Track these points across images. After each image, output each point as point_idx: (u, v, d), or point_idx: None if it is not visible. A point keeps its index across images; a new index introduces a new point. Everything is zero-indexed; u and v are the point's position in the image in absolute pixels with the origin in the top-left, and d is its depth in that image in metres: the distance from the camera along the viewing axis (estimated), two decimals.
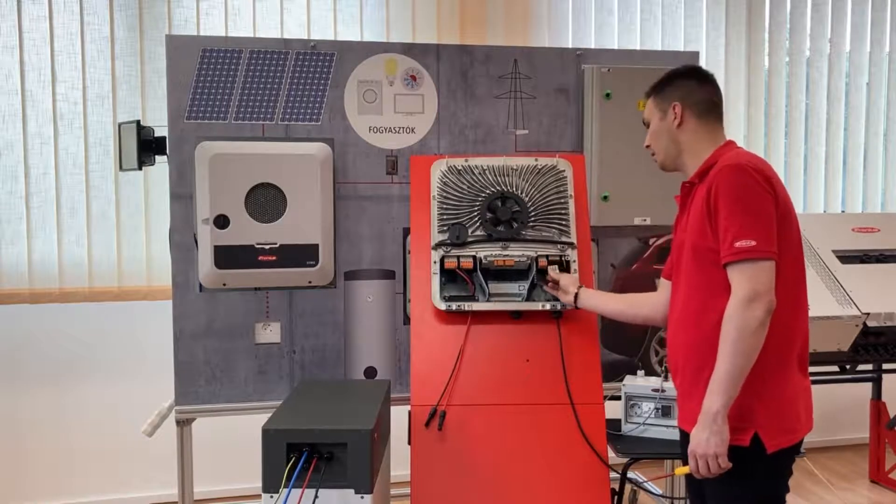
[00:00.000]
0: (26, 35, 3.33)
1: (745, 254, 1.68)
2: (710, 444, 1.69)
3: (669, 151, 1.97)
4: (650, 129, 2.01)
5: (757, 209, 1.70)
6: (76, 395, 3.50)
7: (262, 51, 2.72)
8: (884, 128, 4.43)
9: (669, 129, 1.94)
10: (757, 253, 1.67)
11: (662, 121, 1.96)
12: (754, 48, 4.16)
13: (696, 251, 1.82)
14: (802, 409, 1.81)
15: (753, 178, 1.71)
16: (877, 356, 3.19)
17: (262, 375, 2.75)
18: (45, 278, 3.38)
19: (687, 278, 1.87)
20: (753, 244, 1.67)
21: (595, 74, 2.87)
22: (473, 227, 2.48)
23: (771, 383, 1.75)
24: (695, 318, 1.83)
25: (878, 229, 3.47)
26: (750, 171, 1.72)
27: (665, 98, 1.96)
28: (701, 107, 1.92)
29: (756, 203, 1.70)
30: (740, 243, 1.68)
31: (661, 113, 1.97)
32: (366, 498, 2.00)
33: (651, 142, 2.01)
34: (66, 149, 3.38)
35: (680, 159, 1.96)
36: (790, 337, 1.79)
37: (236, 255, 2.63)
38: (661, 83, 1.98)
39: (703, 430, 1.70)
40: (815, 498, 3.67)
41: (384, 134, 2.81)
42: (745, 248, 1.67)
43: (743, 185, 1.71)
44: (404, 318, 2.82)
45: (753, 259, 1.67)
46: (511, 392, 2.34)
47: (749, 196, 1.70)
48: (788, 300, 1.76)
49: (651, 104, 2.00)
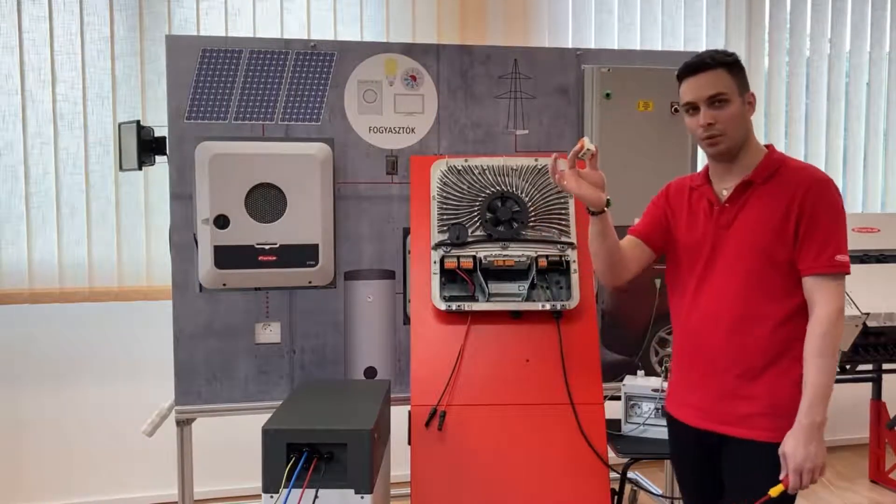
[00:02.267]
0: (26, 35, 3.33)
1: (842, 268, 1.76)
2: (819, 456, 1.74)
3: (738, 139, 1.82)
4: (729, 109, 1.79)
5: (845, 228, 1.79)
6: (76, 395, 3.50)
7: (262, 51, 2.72)
8: (884, 128, 4.42)
9: (745, 116, 1.83)
10: (848, 269, 1.77)
11: (742, 105, 1.81)
12: (754, 48, 4.16)
13: (768, 256, 1.80)
14: None
15: (840, 197, 1.81)
16: (877, 356, 3.20)
17: (262, 375, 2.75)
18: (45, 278, 3.37)
19: (746, 280, 1.82)
20: (847, 261, 1.76)
21: (595, 74, 2.87)
22: (473, 227, 2.48)
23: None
24: (751, 322, 1.81)
25: (878, 229, 3.47)
26: (836, 188, 1.80)
27: (743, 80, 1.82)
28: None
29: (845, 222, 1.79)
30: (841, 257, 1.75)
31: (741, 96, 1.81)
32: (366, 498, 2.00)
33: (726, 121, 1.80)
34: (66, 149, 3.38)
35: (741, 149, 1.84)
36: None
37: (236, 255, 2.63)
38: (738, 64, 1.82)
39: (809, 442, 1.72)
40: (815, 498, 3.67)
41: (384, 134, 2.81)
42: (843, 263, 1.76)
43: (838, 202, 1.79)
44: (404, 318, 2.82)
45: (844, 274, 1.77)
46: (511, 392, 2.34)
47: (842, 212, 1.79)
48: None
49: (729, 79, 1.79)
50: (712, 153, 1.86)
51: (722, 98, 1.79)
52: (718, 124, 1.79)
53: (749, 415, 1.82)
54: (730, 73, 1.80)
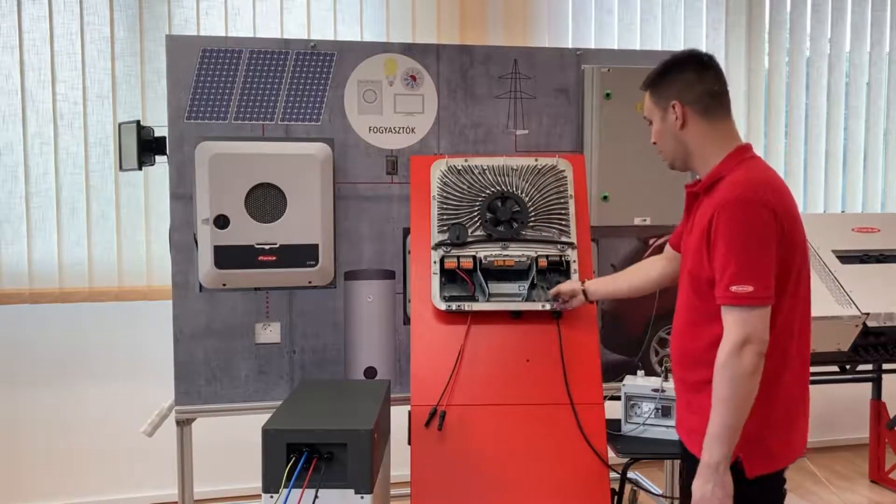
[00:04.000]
0: (26, 35, 3.33)
1: (741, 300, 1.60)
2: (715, 496, 1.62)
3: (677, 153, 1.82)
4: (653, 128, 1.84)
5: (757, 251, 1.60)
6: (76, 395, 3.50)
7: (262, 51, 2.72)
8: (884, 128, 4.42)
9: (673, 130, 1.78)
10: (752, 300, 1.59)
11: (664, 121, 1.80)
12: (754, 48, 4.16)
13: (692, 278, 1.75)
14: (800, 431, 1.75)
15: (758, 216, 1.60)
16: (877, 356, 3.19)
17: (262, 375, 2.75)
18: (45, 278, 3.37)
19: (685, 297, 1.81)
20: (750, 290, 1.59)
21: (595, 74, 2.87)
22: (473, 227, 2.48)
23: (770, 404, 1.67)
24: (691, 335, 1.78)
25: (878, 229, 3.47)
26: (756, 206, 1.61)
27: (663, 95, 1.79)
28: (704, 102, 1.75)
29: (756, 243, 1.60)
30: (736, 288, 1.59)
31: (661, 112, 1.80)
32: (366, 498, 2.00)
33: (657, 140, 1.85)
34: (66, 149, 3.38)
35: (689, 161, 1.81)
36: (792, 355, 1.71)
37: (236, 255, 2.63)
38: (657, 76, 1.81)
39: (707, 482, 1.63)
40: (815, 498, 3.66)
41: (384, 134, 2.81)
42: (742, 294, 1.59)
43: (745, 223, 1.60)
44: (404, 318, 2.82)
45: (750, 306, 1.59)
46: (511, 392, 2.34)
47: (750, 236, 1.60)
48: (789, 332, 1.70)
49: (649, 101, 1.83)
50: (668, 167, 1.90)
51: (648, 119, 1.86)
52: (656, 143, 1.86)
53: (693, 429, 1.76)
54: (651, 93, 1.83)
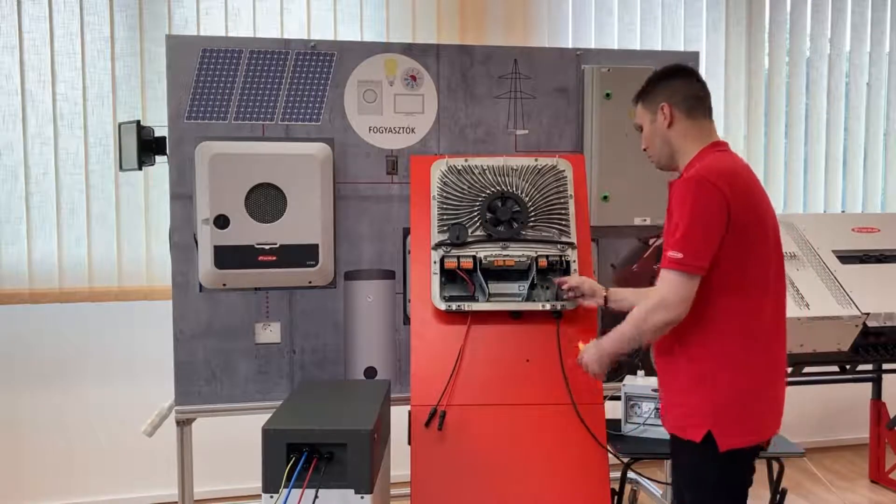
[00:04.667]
0: (26, 35, 3.33)
1: (671, 264, 1.79)
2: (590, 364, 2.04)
3: (663, 152, 2.00)
4: (643, 133, 2.03)
5: (697, 224, 1.77)
6: (76, 395, 3.50)
7: (262, 51, 2.72)
8: (884, 128, 4.43)
9: (661, 130, 1.97)
10: (680, 266, 1.77)
11: (654, 123, 1.99)
12: (754, 48, 4.16)
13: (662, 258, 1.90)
14: (768, 412, 1.88)
15: (707, 193, 1.77)
16: (877, 356, 3.19)
17: (262, 375, 2.75)
18: (45, 278, 3.37)
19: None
20: (681, 257, 1.77)
21: (595, 74, 2.87)
22: (473, 227, 2.48)
23: (732, 385, 1.82)
24: None
25: (878, 229, 3.47)
26: (708, 185, 1.78)
27: (652, 100, 1.99)
28: (688, 103, 1.95)
29: (699, 219, 1.77)
30: (672, 253, 1.79)
31: (651, 115, 1.99)
32: (366, 498, 2.00)
33: (647, 144, 2.04)
34: (66, 149, 3.38)
35: (673, 159, 1.99)
36: (756, 341, 1.85)
37: (236, 255, 2.63)
38: (647, 87, 2.02)
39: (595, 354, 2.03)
40: (815, 498, 3.67)
41: (384, 134, 2.81)
42: (673, 259, 1.78)
43: (694, 199, 1.78)
44: (404, 318, 2.81)
45: (678, 270, 1.78)
46: (511, 392, 2.34)
47: (694, 210, 1.78)
48: (750, 304, 1.84)
49: (640, 109, 2.03)
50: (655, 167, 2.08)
51: (639, 127, 2.05)
52: (646, 148, 2.04)
53: (666, 405, 1.97)
54: (641, 103, 2.02)
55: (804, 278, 3.13)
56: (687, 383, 1.87)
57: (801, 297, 3.05)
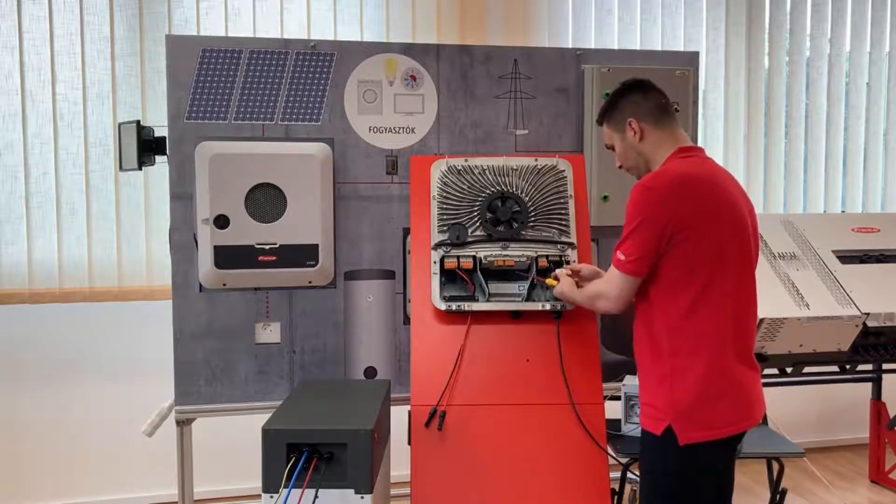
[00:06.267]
0: (26, 35, 3.33)
1: (615, 263, 1.96)
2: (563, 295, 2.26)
3: (640, 164, 2.06)
4: (617, 151, 2.10)
5: (635, 228, 1.89)
6: (76, 395, 3.50)
7: (262, 51, 2.72)
8: (884, 128, 4.43)
9: (633, 144, 2.04)
10: (618, 265, 1.94)
11: (624, 140, 2.05)
12: (754, 48, 4.16)
13: None
14: (730, 408, 1.90)
15: (648, 200, 1.89)
16: (877, 356, 3.19)
17: (262, 375, 2.75)
18: (45, 278, 3.38)
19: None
20: (621, 258, 1.93)
21: (595, 74, 2.87)
22: (473, 227, 2.48)
23: (689, 380, 1.88)
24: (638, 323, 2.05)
25: (878, 229, 3.47)
26: (649, 192, 1.89)
27: (618, 118, 2.05)
28: (654, 114, 2.02)
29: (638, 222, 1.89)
30: (617, 253, 1.95)
31: (620, 133, 2.06)
32: (366, 498, 2.00)
33: (621, 161, 2.11)
34: (66, 149, 3.38)
35: (650, 168, 2.04)
36: (717, 339, 1.89)
37: (236, 255, 2.63)
38: (608, 107, 2.08)
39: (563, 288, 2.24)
40: (815, 498, 3.67)
41: (384, 134, 2.81)
42: (616, 259, 1.95)
43: (636, 204, 1.90)
44: (404, 318, 2.82)
45: (619, 270, 1.94)
46: (511, 392, 2.34)
47: (635, 215, 1.90)
48: (704, 301, 1.89)
49: (608, 129, 2.10)
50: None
51: (609, 146, 2.14)
52: (622, 164, 2.12)
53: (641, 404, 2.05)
54: (608, 123, 2.10)
55: (804, 278, 3.13)
56: (654, 381, 1.95)
57: (801, 297, 3.05)
